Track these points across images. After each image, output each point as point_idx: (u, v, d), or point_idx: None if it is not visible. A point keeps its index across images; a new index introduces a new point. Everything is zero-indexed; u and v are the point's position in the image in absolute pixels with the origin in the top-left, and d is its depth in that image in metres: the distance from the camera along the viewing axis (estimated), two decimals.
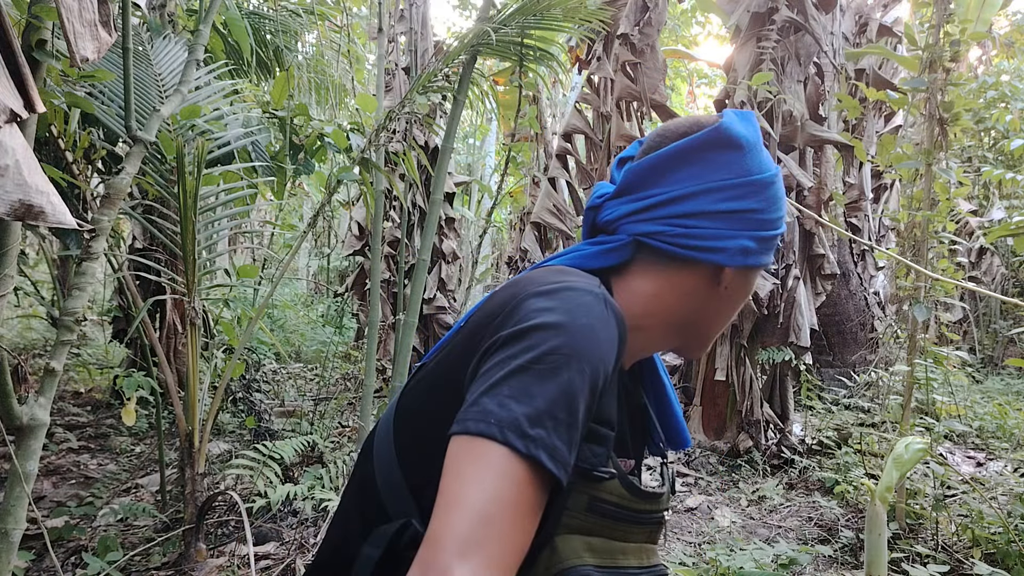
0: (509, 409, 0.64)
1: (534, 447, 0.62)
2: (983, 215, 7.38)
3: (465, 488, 0.61)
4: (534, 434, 0.63)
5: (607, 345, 0.71)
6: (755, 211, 0.81)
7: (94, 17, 1.63)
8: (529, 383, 0.65)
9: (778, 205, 0.84)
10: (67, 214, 1.29)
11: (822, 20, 4.11)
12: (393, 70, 5.40)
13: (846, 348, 5.85)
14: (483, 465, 0.62)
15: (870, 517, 2.03)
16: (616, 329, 0.72)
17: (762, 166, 0.83)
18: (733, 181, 0.81)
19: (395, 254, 5.38)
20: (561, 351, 0.67)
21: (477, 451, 0.63)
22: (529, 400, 0.64)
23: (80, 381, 4.83)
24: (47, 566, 2.30)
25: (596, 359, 0.68)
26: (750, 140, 0.82)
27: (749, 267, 0.84)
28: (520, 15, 2.55)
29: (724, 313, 0.87)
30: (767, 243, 0.83)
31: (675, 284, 0.83)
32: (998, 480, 3.26)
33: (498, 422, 0.63)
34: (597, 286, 0.76)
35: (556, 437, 0.64)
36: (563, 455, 0.64)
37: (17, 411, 1.53)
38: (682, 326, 0.86)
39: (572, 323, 0.69)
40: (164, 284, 2.52)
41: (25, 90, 1.28)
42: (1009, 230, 3.09)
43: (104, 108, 2.24)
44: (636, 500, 0.78)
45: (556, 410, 0.64)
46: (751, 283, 0.86)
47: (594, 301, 0.72)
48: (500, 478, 0.61)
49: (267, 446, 2.90)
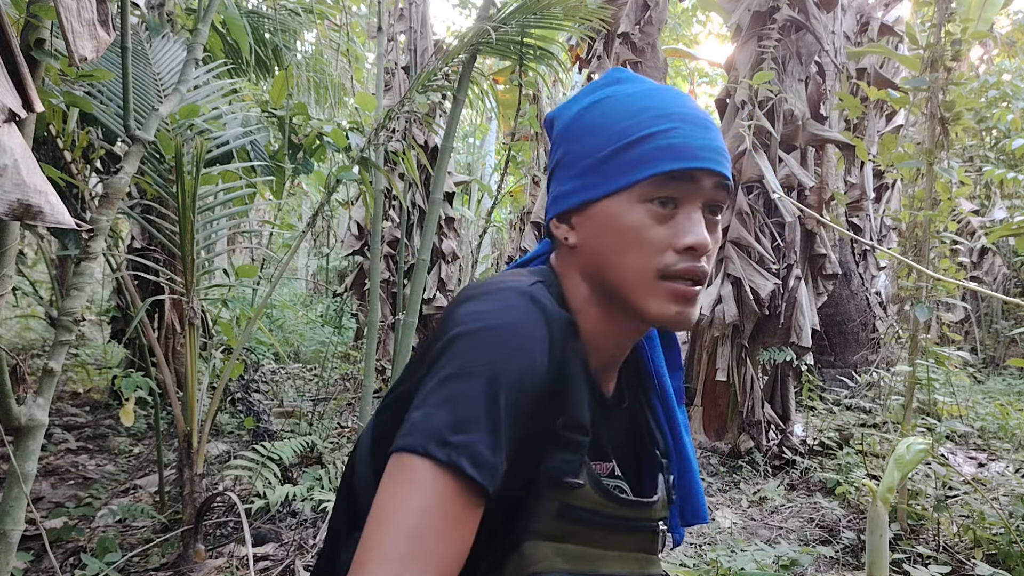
0: (431, 420, 0.63)
1: (455, 455, 0.61)
2: (985, 215, 7.38)
3: (389, 504, 0.61)
4: (455, 441, 0.62)
5: (534, 343, 0.69)
6: (562, 158, 0.79)
7: (93, 16, 1.62)
8: (451, 391, 0.64)
9: (590, 132, 0.76)
10: (65, 214, 1.28)
11: (823, 19, 4.10)
12: (392, 69, 5.39)
13: (847, 348, 5.84)
14: (406, 479, 0.62)
15: (871, 518, 2.01)
16: (545, 326, 0.70)
17: (566, 116, 0.80)
18: (558, 138, 0.80)
19: (395, 254, 5.37)
20: (482, 355, 0.66)
21: (402, 466, 0.63)
22: (450, 408, 0.64)
23: (79, 381, 4.82)
24: (46, 567, 2.29)
25: (520, 359, 0.67)
26: (559, 109, 0.81)
27: (577, 210, 0.77)
28: (520, 14, 2.54)
29: (605, 262, 0.75)
30: (589, 173, 0.75)
31: (563, 256, 0.81)
32: (1000, 481, 3.25)
33: (420, 433, 0.63)
34: (529, 284, 0.73)
35: (480, 443, 0.63)
36: (488, 461, 0.63)
37: (15, 412, 1.52)
38: (601, 295, 0.77)
39: (492, 326, 0.68)
40: (163, 284, 2.51)
41: (23, 89, 1.27)
42: (1011, 230, 3.08)
43: (103, 107, 2.23)
44: (614, 506, 0.76)
45: (478, 415, 0.63)
46: (618, 213, 0.74)
47: (519, 300, 0.71)
48: (422, 490, 0.61)
49: (266, 447, 2.89)
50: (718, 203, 0.75)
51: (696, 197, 0.73)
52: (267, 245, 6.83)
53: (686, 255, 0.72)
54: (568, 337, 0.74)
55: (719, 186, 0.74)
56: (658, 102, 0.75)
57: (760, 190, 3.98)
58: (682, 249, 0.71)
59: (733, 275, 3.92)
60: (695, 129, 0.73)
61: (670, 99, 0.76)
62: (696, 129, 0.73)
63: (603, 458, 0.82)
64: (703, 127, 0.74)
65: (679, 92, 0.78)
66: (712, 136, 0.74)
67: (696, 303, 0.74)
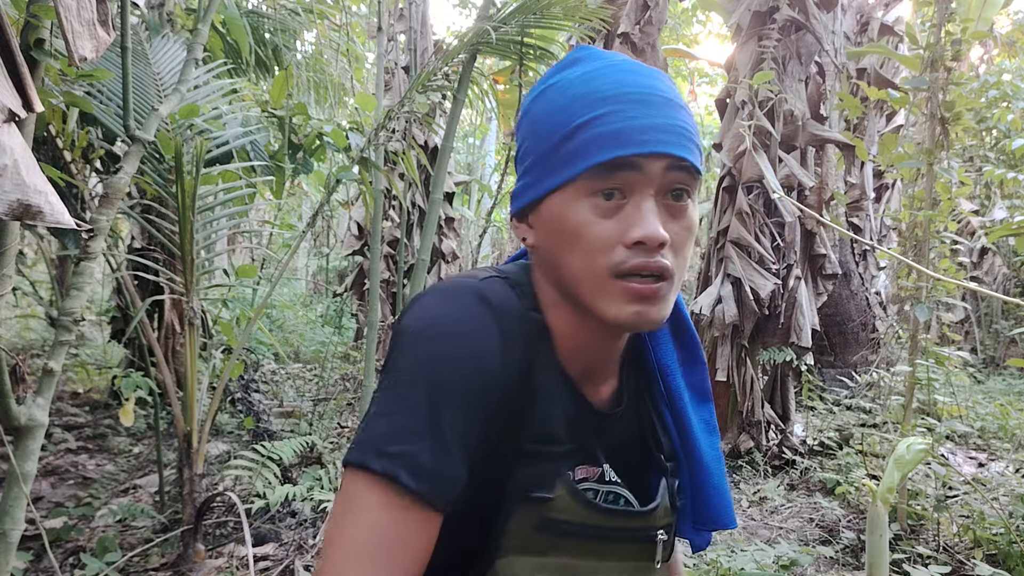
0: (370, 431, 0.62)
1: (391, 466, 0.60)
2: (985, 215, 7.37)
3: (339, 518, 0.61)
4: (392, 451, 0.60)
5: (480, 343, 0.65)
6: (517, 154, 0.74)
7: (92, 16, 1.62)
8: (390, 400, 0.63)
9: (533, 128, 0.71)
10: (65, 214, 1.28)
11: (823, 19, 4.10)
12: (392, 69, 5.39)
13: (847, 348, 5.84)
14: (351, 492, 0.61)
15: (871, 518, 2.01)
16: (495, 324, 0.66)
17: (525, 106, 0.73)
18: (516, 131, 0.75)
19: (394, 254, 5.37)
20: (420, 360, 0.63)
21: (347, 479, 0.62)
22: (388, 418, 0.62)
23: (78, 381, 4.82)
24: (45, 567, 2.29)
25: (462, 361, 0.64)
26: (536, 83, 0.74)
27: (531, 208, 0.72)
28: (520, 14, 2.54)
29: (558, 263, 0.70)
30: (535, 170, 0.70)
31: (531, 255, 0.76)
32: (1000, 481, 3.25)
33: (359, 445, 0.62)
34: (481, 280, 0.69)
35: (421, 452, 0.60)
36: (430, 470, 0.60)
37: (15, 411, 1.52)
38: (565, 296, 0.71)
39: (433, 328, 0.65)
40: (162, 284, 2.51)
41: (23, 89, 1.27)
42: (1011, 230, 3.08)
43: (102, 107, 2.23)
44: (600, 516, 0.72)
45: (416, 424, 0.61)
46: (563, 210, 0.68)
47: (464, 299, 0.67)
48: (366, 504, 0.60)
49: (266, 447, 2.89)
50: (679, 186, 0.67)
51: (644, 185, 0.65)
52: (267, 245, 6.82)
53: (637, 250, 0.64)
54: (532, 338, 0.70)
55: (674, 168, 0.66)
56: (596, 85, 0.67)
57: (760, 190, 3.98)
58: (631, 244, 0.64)
59: (733, 275, 3.92)
60: (635, 108, 0.65)
61: (610, 78, 0.67)
62: (636, 108, 0.65)
63: (592, 462, 0.76)
64: (646, 104, 0.66)
65: (627, 67, 0.69)
66: (656, 113, 0.66)
67: (660, 300, 0.66)
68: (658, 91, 0.67)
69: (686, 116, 0.68)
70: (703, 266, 4.37)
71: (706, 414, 0.82)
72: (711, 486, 0.81)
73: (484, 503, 0.69)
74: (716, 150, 4.29)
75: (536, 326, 0.71)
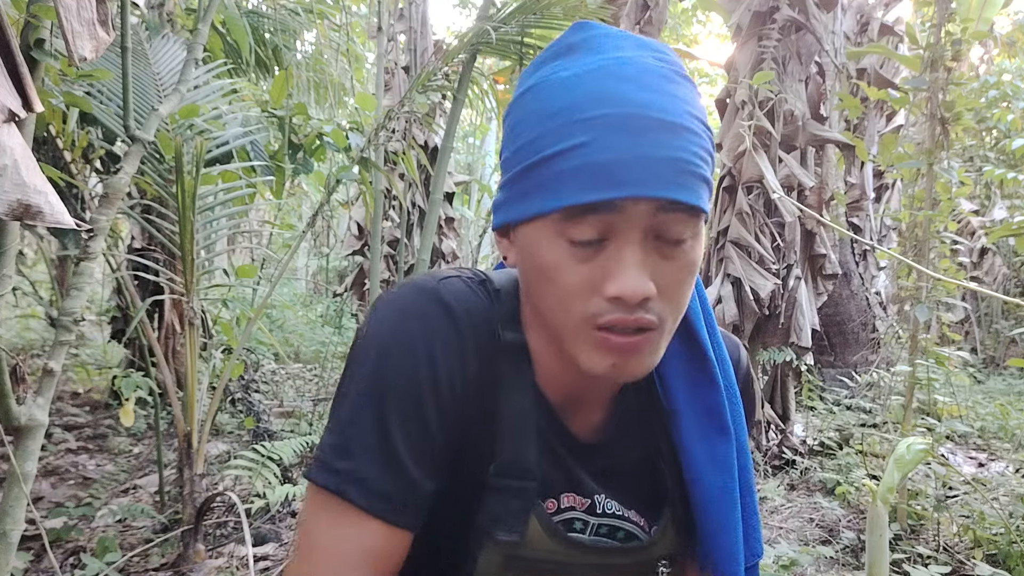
0: (323, 445, 0.61)
1: (339, 482, 0.58)
2: (985, 215, 7.38)
3: (303, 530, 0.61)
4: (340, 467, 0.59)
5: (432, 351, 0.60)
6: (501, 155, 0.63)
7: (92, 16, 1.62)
8: (339, 412, 0.61)
9: (511, 137, 0.60)
10: (65, 214, 1.28)
11: (823, 19, 4.10)
12: (392, 69, 5.39)
13: (847, 348, 5.84)
14: (309, 510, 0.61)
15: (871, 518, 2.01)
16: (452, 331, 0.61)
17: (513, 98, 0.62)
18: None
19: (394, 254, 5.36)
20: (368, 369, 0.60)
21: (308, 495, 0.62)
22: (337, 432, 0.60)
23: (78, 381, 4.82)
24: (45, 567, 2.28)
25: (411, 369, 0.59)
26: (525, 72, 0.63)
27: (510, 226, 0.62)
28: (520, 13, 2.54)
29: (533, 295, 0.62)
30: (509, 188, 0.60)
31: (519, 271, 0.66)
32: (1000, 481, 3.25)
33: (315, 460, 0.61)
34: (439, 280, 0.63)
35: (368, 468, 0.58)
36: (378, 485, 0.58)
37: (15, 411, 1.52)
38: (543, 322, 0.63)
39: (381, 337, 0.60)
40: (162, 284, 2.51)
41: (23, 89, 1.27)
42: (1011, 230, 3.08)
43: (102, 107, 2.23)
44: (580, 553, 0.67)
45: (364, 439, 0.58)
46: (536, 244, 0.58)
47: (418, 301, 0.61)
48: (325, 520, 0.59)
49: (266, 447, 2.89)
50: (670, 234, 0.56)
51: (627, 228, 0.54)
52: (267, 245, 6.82)
53: (616, 304, 0.55)
54: (504, 351, 0.64)
55: (664, 210, 0.54)
56: (578, 97, 0.55)
57: (760, 190, 3.98)
58: (608, 299, 0.55)
59: (733, 275, 3.92)
60: (617, 137, 0.53)
61: (597, 89, 0.54)
62: (619, 137, 0.53)
63: (580, 492, 0.69)
64: (632, 131, 0.53)
65: (621, 71, 0.55)
66: (644, 142, 0.53)
67: (644, 351, 0.58)
68: (652, 109, 0.54)
69: (687, 140, 0.55)
70: (703, 266, 4.37)
71: (720, 446, 0.68)
72: (712, 523, 0.70)
73: (452, 535, 0.66)
74: (716, 150, 4.29)
75: (513, 344, 0.65)
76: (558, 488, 0.68)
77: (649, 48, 0.58)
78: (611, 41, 0.58)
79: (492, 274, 0.69)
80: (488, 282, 0.67)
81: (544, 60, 0.61)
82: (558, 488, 0.68)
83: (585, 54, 0.58)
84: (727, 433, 0.68)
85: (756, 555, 0.71)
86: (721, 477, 0.68)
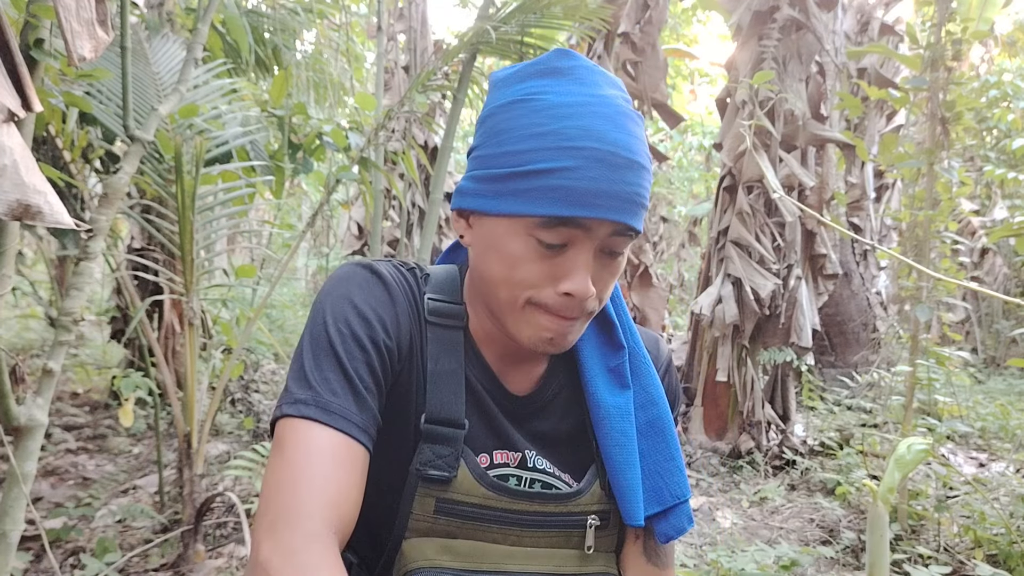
0: (286, 388, 0.70)
1: (303, 407, 0.67)
2: (985, 215, 7.38)
3: (268, 469, 0.67)
4: (303, 396, 0.68)
5: (371, 303, 0.73)
6: (475, 149, 0.75)
7: (92, 16, 1.61)
8: (298, 358, 0.71)
9: (498, 139, 0.71)
10: (65, 214, 1.28)
11: (824, 19, 4.10)
12: (392, 69, 5.39)
13: (848, 348, 5.84)
14: (275, 445, 0.68)
15: (872, 518, 2.01)
16: (383, 290, 0.75)
17: (494, 98, 0.73)
18: (479, 120, 0.76)
19: (394, 254, 5.36)
20: (318, 321, 0.72)
21: (276, 434, 0.69)
22: (298, 372, 0.70)
23: (78, 381, 4.82)
24: (45, 567, 2.28)
25: (356, 315, 0.71)
26: (501, 76, 0.74)
27: (473, 212, 0.74)
28: (520, 13, 2.54)
29: (484, 273, 0.74)
30: (487, 183, 0.71)
31: (469, 253, 0.79)
32: (1000, 481, 3.25)
33: (279, 401, 0.70)
34: (375, 262, 0.78)
35: (327, 392, 0.68)
36: (335, 406, 0.67)
37: (15, 412, 1.52)
38: (483, 298, 0.77)
39: (329, 295, 0.74)
40: (162, 284, 2.51)
41: (22, 89, 1.27)
42: (1011, 230, 3.07)
43: (102, 107, 2.23)
44: (509, 500, 0.75)
45: (320, 372, 0.69)
46: (504, 237, 0.71)
47: (356, 271, 0.76)
48: (286, 448, 0.66)
49: (266, 447, 2.88)
50: (615, 249, 0.71)
51: (587, 241, 0.69)
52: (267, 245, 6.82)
53: (565, 297, 0.70)
54: (431, 316, 0.77)
55: (617, 233, 0.69)
56: (566, 126, 0.66)
57: (760, 190, 3.97)
58: (561, 293, 0.69)
59: (733, 275, 3.92)
60: (597, 169, 0.66)
61: (583, 123, 0.66)
62: (598, 169, 0.66)
63: (510, 447, 0.79)
64: (608, 166, 0.66)
65: (603, 111, 0.68)
66: (617, 178, 0.66)
67: (572, 329, 0.72)
68: (625, 151, 0.67)
69: (644, 179, 0.69)
70: (703, 266, 4.37)
71: (620, 397, 0.81)
72: (621, 477, 0.78)
73: (389, 483, 0.74)
74: (716, 150, 4.29)
75: (446, 311, 0.78)
76: (491, 444, 0.78)
77: (616, 87, 0.72)
78: (591, 76, 0.70)
79: (425, 265, 0.83)
80: (418, 268, 0.81)
81: (529, 75, 0.71)
82: (491, 444, 0.78)
83: (571, 83, 0.69)
84: (627, 388, 0.82)
85: (677, 496, 0.80)
86: (621, 423, 0.80)
